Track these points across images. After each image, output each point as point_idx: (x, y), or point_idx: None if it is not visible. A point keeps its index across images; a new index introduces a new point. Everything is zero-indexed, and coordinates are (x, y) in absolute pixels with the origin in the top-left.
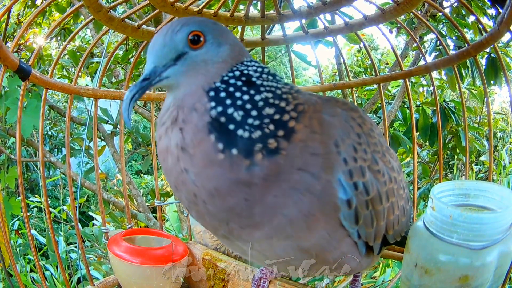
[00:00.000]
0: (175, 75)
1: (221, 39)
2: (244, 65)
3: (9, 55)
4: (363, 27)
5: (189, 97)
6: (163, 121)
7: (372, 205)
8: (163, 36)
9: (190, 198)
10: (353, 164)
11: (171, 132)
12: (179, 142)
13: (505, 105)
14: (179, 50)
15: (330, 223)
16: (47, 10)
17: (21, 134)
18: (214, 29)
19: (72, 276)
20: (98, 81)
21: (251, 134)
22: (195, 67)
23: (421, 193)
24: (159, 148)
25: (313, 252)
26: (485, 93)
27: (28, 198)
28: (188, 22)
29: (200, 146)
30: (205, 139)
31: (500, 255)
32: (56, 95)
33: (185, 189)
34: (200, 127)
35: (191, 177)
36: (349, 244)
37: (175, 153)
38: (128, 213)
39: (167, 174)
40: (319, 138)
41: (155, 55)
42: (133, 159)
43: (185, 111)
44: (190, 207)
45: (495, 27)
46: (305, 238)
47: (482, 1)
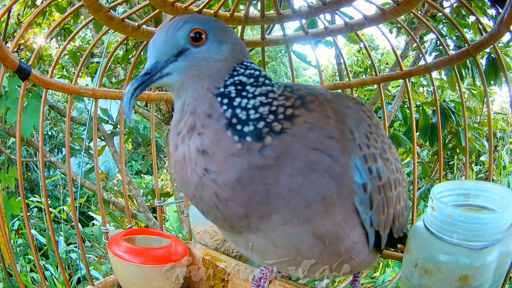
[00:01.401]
0: (176, 71)
1: (222, 37)
2: (243, 67)
3: (9, 55)
4: (363, 27)
5: (201, 103)
6: (179, 131)
7: (384, 190)
8: (165, 33)
9: (211, 200)
10: (367, 150)
11: (189, 139)
12: (199, 145)
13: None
14: (181, 46)
15: (346, 208)
16: (47, 10)
17: (21, 134)
18: (216, 27)
19: (72, 276)
20: (98, 81)
21: (256, 125)
22: (197, 64)
23: (421, 193)
24: (175, 158)
25: (327, 239)
26: (485, 93)
27: (28, 198)
28: (190, 20)
29: (220, 144)
30: (224, 137)
31: (500, 255)
32: (56, 95)
33: (206, 193)
34: (218, 128)
35: (212, 177)
36: (359, 234)
37: (194, 158)
38: (128, 213)
39: (184, 185)
40: (333, 123)
41: (156, 51)
42: (133, 159)
43: (201, 118)
44: (209, 211)
45: (495, 27)
46: (321, 223)
47: (482, 1)
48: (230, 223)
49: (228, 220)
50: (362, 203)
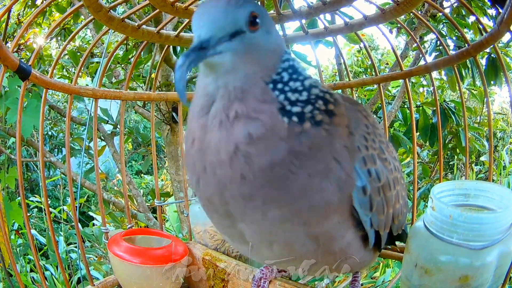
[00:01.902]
0: (230, 52)
1: (270, 26)
2: (288, 57)
3: (9, 55)
4: (363, 27)
5: (253, 89)
6: (213, 114)
7: (383, 191)
8: (225, 6)
9: (231, 180)
10: (365, 152)
11: (234, 124)
12: (253, 131)
13: (505, 105)
14: (238, 27)
15: (343, 211)
16: (47, 10)
17: (21, 134)
18: (266, 15)
19: (72, 276)
20: (98, 81)
21: (303, 108)
22: (251, 50)
23: (421, 193)
24: (197, 135)
25: (321, 239)
26: (485, 93)
27: (28, 198)
28: (249, 0)
29: (274, 129)
30: (278, 122)
31: (500, 255)
32: (56, 95)
33: (231, 173)
34: (273, 114)
35: (247, 159)
36: (354, 234)
37: (239, 142)
38: (128, 213)
39: (194, 155)
40: (347, 132)
41: (213, 24)
42: (133, 159)
43: (254, 104)
44: (216, 192)
45: (495, 27)
46: (318, 225)
47: (482, 1)
48: (225, 203)
49: (229, 202)
50: (362, 205)
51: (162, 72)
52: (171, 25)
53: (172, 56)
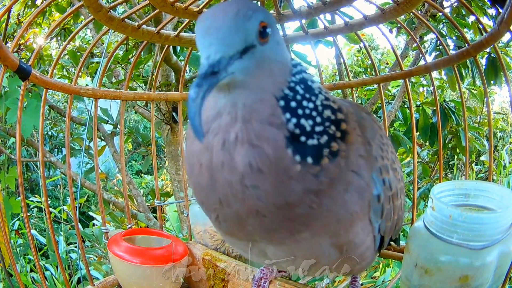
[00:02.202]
0: (241, 72)
1: (278, 35)
2: (297, 69)
3: (9, 55)
4: (363, 27)
5: (261, 108)
6: (215, 131)
7: (393, 200)
8: (234, 18)
9: (246, 214)
10: (381, 162)
11: (237, 148)
12: (253, 161)
13: (505, 105)
14: (249, 42)
15: (365, 219)
16: (47, 10)
17: (21, 134)
18: (274, 22)
19: (72, 276)
20: (98, 81)
21: (319, 140)
22: (262, 65)
23: (421, 193)
24: (203, 159)
25: (345, 248)
26: (485, 93)
27: (28, 198)
28: (258, 9)
29: (278, 164)
30: (284, 155)
31: (500, 255)
32: (56, 95)
33: (243, 207)
34: (279, 145)
35: (257, 193)
36: (371, 239)
37: (240, 171)
38: (128, 213)
39: (208, 190)
40: (361, 140)
41: (223, 42)
42: (133, 159)
43: (259, 127)
44: (233, 221)
45: (495, 27)
46: (344, 235)
47: (482, 1)
48: (249, 235)
49: (254, 234)
50: (375, 212)
51: (162, 72)
52: (171, 25)
53: (172, 56)
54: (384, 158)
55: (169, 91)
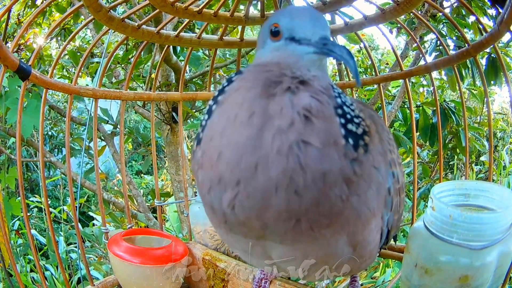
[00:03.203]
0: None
1: None
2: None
3: (9, 55)
4: (363, 27)
5: (324, 90)
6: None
7: (399, 192)
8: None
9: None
10: (390, 156)
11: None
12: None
13: (505, 105)
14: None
15: (379, 215)
16: (47, 10)
17: (21, 134)
18: None
19: (72, 276)
20: (98, 81)
21: (357, 130)
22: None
23: (421, 193)
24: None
25: (359, 245)
26: (485, 93)
27: (28, 198)
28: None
29: (329, 126)
30: (335, 122)
31: (500, 255)
32: (56, 95)
33: (277, 169)
34: (334, 123)
35: (304, 154)
36: (379, 235)
37: (289, 119)
38: (128, 213)
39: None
40: (378, 137)
41: (326, 27)
42: (133, 159)
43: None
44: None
45: (495, 27)
46: (361, 233)
47: (482, 1)
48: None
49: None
50: (386, 205)
51: (162, 72)
52: (171, 25)
53: (172, 56)
54: (392, 152)
55: (169, 91)
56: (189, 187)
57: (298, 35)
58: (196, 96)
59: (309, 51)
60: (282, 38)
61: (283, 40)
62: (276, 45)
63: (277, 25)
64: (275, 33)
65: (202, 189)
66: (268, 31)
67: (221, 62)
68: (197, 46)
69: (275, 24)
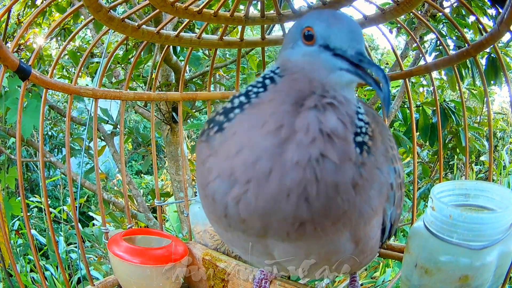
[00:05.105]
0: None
1: None
2: None
3: (9, 55)
4: (363, 27)
5: (351, 108)
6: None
7: (401, 187)
8: (360, 29)
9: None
10: (391, 152)
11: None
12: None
13: (505, 105)
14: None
15: (380, 212)
16: (47, 10)
17: (21, 134)
18: None
19: (72, 276)
20: (98, 81)
21: (363, 138)
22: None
23: (421, 193)
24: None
25: (361, 242)
26: (485, 93)
27: (28, 198)
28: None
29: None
30: (352, 143)
31: (500, 255)
32: (56, 95)
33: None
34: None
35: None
36: (380, 231)
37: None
38: (128, 213)
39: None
40: (380, 138)
41: (362, 41)
42: (133, 159)
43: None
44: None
45: (495, 27)
46: (363, 229)
47: (482, 1)
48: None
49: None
50: (389, 200)
51: (162, 72)
52: (171, 25)
53: (172, 56)
54: (392, 149)
55: (169, 91)
56: (189, 187)
57: (333, 44)
58: (196, 96)
59: (342, 67)
60: (315, 44)
61: (316, 47)
62: (309, 50)
63: (310, 29)
64: (308, 37)
65: (208, 175)
66: (300, 32)
67: (221, 62)
68: (197, 46)
69: (308, 28)
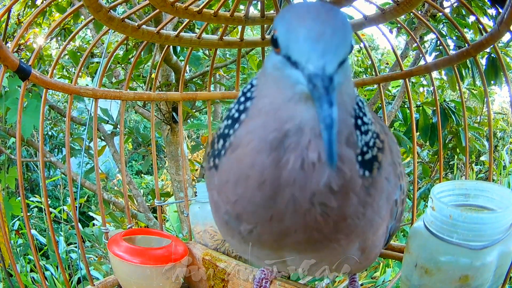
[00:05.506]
0: (338, 86)
1: None
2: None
3: (9, 55)
4: (363, 27)
5: (343, 126)
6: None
7: (402, 202)
8: (343, 26)
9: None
10: (399, 168)
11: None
12: (332, 181)
13: (505, 105)
14: (347, 54)
15: (387, 220)
16: (47, 10)
17: (21, 134)
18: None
19: (72, 276)
20: (98, 81)
21: (372, 153)
22: (345, 81)
23: (421, 193)
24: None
25: (368, 248)
26: (485, 93)
27: (28, 198)
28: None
29: (351, 182)
30: (356, 174)
31: (500, 255)
32: (56, 95)
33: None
34: (353, 163)
35: (322, 210)
36: (384, 238)
37: (313, 189)
38: (128, 213)
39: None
40: (388, 148)
41: (336, 52)
42: (133, 159)
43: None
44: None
45: (495, 27)
46: (371, 239)
47: (482, 1)
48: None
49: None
50: (392, 215)
51: (162, 72)
52: (171, 25)
53: (172, 56)
54: (400, 165)
55: (169, 91)
56: (189, 187)
57: (292, 56)
58: (196, 96)
59: (303, 89)
60: (280, 53)
61: (281, 56)
62: (276, 62)
63: (276, 32)
64: (274, 43)
65: (217, 208)
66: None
67: (221, 62)
68: (197, 46)
69: (274, 30)
